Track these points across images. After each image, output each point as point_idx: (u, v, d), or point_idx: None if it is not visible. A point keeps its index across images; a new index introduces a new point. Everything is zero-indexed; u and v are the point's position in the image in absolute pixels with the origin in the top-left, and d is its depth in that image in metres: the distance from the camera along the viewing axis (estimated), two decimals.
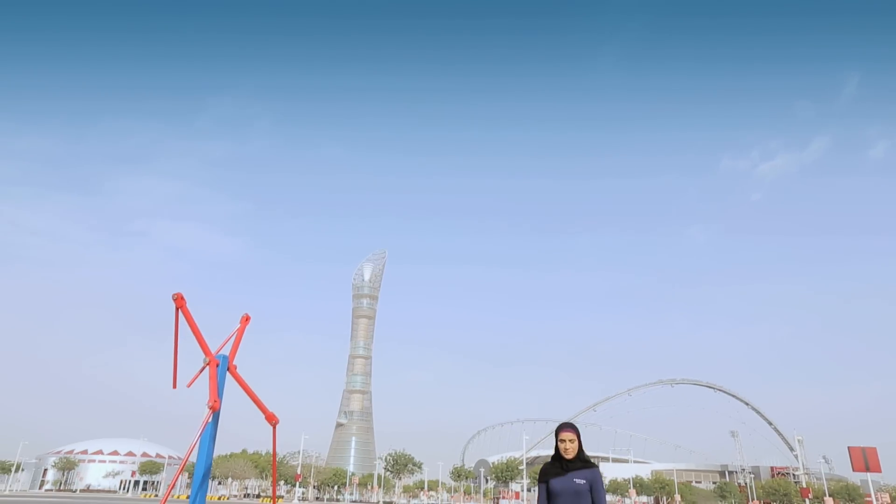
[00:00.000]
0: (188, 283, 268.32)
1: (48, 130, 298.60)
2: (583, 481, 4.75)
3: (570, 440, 4.96)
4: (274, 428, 6.63)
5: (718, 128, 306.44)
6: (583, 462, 4.89)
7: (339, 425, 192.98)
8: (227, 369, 6.30)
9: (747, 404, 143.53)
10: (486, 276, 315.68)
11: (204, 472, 5.94)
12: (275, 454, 6.77)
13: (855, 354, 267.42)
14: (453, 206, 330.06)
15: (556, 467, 4.92)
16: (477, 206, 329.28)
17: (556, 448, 5.04)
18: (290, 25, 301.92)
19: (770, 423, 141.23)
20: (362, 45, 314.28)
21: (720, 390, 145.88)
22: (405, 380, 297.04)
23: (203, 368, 6.18)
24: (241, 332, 6.74)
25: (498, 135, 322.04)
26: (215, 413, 5.71)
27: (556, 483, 4.78)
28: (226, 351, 6.39)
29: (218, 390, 5.80)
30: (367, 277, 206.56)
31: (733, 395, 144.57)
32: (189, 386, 6.06)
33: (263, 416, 6.60)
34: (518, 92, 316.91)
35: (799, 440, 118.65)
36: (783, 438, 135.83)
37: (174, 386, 6.22)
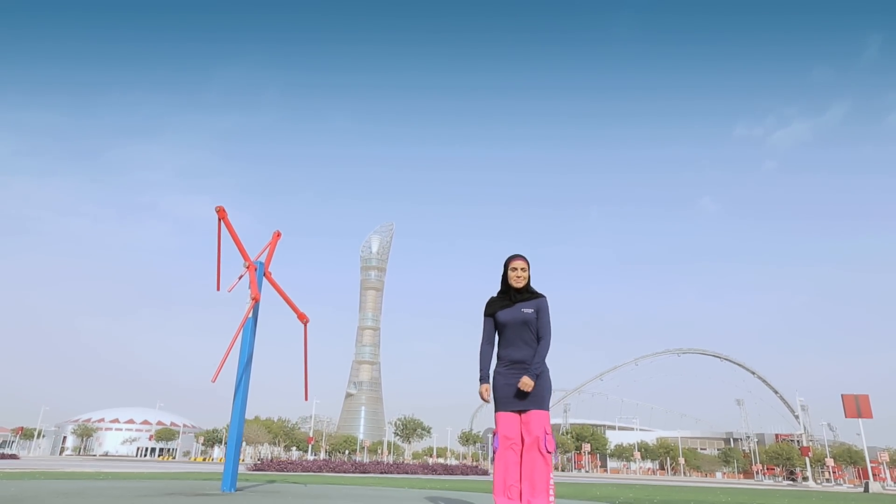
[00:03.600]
0: (197, 255, 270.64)
1: (56, 103, 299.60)
2: (530, 310, 4.62)
3: (521, 268, 4.71)
4: (305, 326, 7.59)
5: (733, 95, 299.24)
6: (530, 293, 4.73)
7: (348, 395, 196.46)
8: (264, 274, 7.28)
9: (753, 373, 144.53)
10: (495, 247, 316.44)
11: (247, 360, 6.89)
12: (306, 352, 7.71)
13: (865, 326, 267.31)
14: (461, 179, 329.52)
15: (504, 299, 4.75)
16: (485, 178, 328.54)
17: (504, 279, 4.80)
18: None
19: (776, 392, 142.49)
20: (373, 16, 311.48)
21: (726, 359, 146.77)
22: (414, 351, 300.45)
23: (242, 275, 7.07)
24: (273, 244, 7.63)
25: (506, 103, 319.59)
26: (256, 305, 6.66)
27: (504, 314, 4.66)
28: (262, 260, 7.36)
29: (258, 287, 6.77)
30: (374, 249, 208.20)
31: (740, 365, 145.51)
32: (230, 290, 6.93)
33: (296, 316, 7.55)
34: (528, 58, 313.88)
35: (802, 404, 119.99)
36: (788, 407, 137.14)
37: (217, 289, 7.11)
